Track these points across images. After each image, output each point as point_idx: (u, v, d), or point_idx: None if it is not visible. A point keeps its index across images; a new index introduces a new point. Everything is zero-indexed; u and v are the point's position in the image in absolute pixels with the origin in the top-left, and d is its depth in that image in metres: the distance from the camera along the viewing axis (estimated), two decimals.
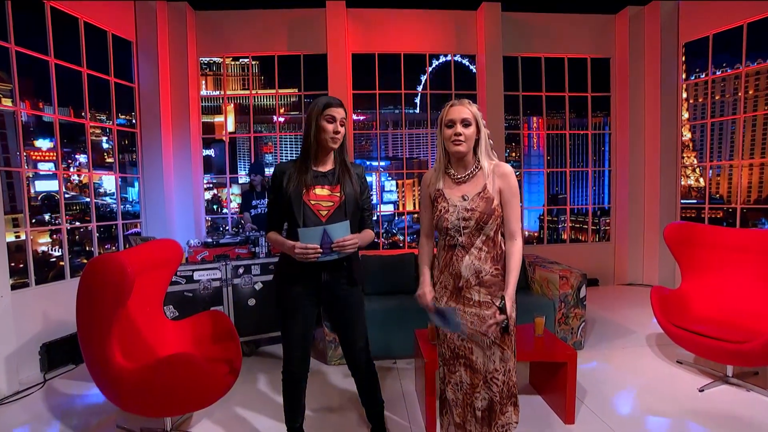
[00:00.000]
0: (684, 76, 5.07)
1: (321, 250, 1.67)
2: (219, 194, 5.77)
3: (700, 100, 5.10)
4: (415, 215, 6.08)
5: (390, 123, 5.75)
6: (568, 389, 2.44)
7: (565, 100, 5.56)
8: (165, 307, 3.08)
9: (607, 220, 5.75)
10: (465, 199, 1.62)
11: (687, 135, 5.12)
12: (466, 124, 1.59)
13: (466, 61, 5.55)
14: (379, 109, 5.44)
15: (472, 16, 5.26)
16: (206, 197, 5.32)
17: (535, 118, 5.82)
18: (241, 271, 3.37)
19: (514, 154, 5.74)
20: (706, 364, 2.97)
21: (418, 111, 5.77)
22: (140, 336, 2.39)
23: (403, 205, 6.12)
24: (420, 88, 5.62)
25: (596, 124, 5.66)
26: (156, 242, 2.69)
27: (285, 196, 1.76)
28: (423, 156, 5.93)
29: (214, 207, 5.76)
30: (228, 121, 5.41)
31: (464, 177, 1.65)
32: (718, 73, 4.86)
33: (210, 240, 3.48)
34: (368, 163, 5.96)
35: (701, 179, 5.17)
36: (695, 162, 5.22)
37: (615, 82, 5.40)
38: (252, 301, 3.41)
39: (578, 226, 5.86)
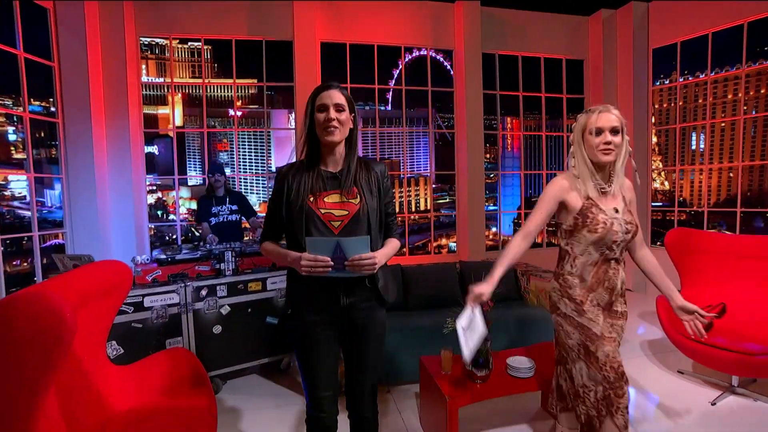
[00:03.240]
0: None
1: (332, 263, 1.35)
2: (164, 198, 4.97)
3: (664, 105, 5.25)
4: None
5: (360, 119, 5.31)
6: None
7: (540, 100, 5.50)
8: (107, 343, 2.42)
9: None
10: (617, 212, 1.57)
11: (653, 139, 5.26)
12: (615, 131, 1.53)
13: (440, 57, 5.28)
14: None
15: (450, 9, 5.00)
16: (148, 201, 4.53)
17: (509, 119, 5.69)
18: (203, 293, 2.79)
19: (488, 156, 5.56)
20: (708, 374, 2.91)
21: (390, 108, 5.40)
22: (78, 397, 1.77)
23: None
24: (392, 83, 5.25)
25: (568, 126, 5.65)
26: (96, 266, 2.06)
27: (287, 203, 1.47)
28: (395, 156, 5.56)
29: (158, 213, 4.95)
30: (175, 114, 4.64)
31: (607, 188, 1.59)
32: (680, 80, 5.03)
33: (163, 256, 2.85)
34: None
35: (666, 182, 5.33)
36: (660, 165, 5.38)
37: (588, 84, 5.42)
38: (218, 328, 2.84)
39: (550, 229, 5.83)
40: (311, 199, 1.44)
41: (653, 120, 5.25)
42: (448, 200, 5.82)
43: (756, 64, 4.46)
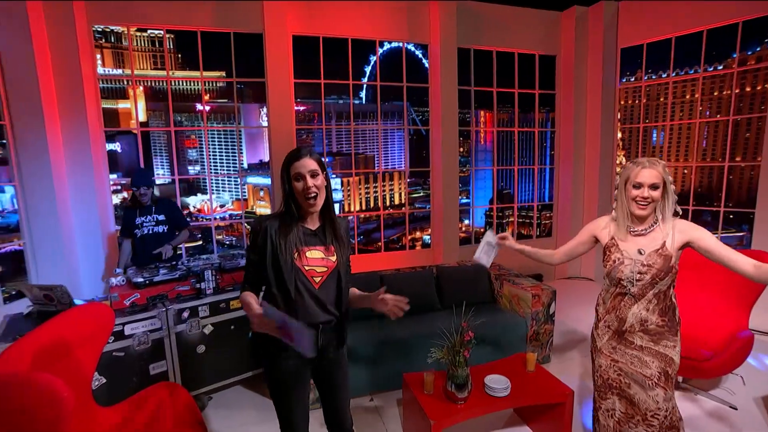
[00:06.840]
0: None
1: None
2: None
3: (629, 102, 5.45)
4: (362, 216, 5.73)
5: (334, 114, 5.19)
6: (564, 428, 2.43)
7: (514, 96, 5.55)
8: None
9: (548, 215, 6.02)
10: (641, 254, 1.67)
11: (618, 135, 5.49)
12: (654, 187, 1.63)
13: (411, 47, 5.17)
14: (323, 99, 4.85)
15: (425, 3, 4.86)
16: (113, 201, 4.31)
17: (482, 112, 5.73)
18: (185, 315, 2.76)
19: (462, 149, 5.62)
20: None
21: (364, 102, 5.29)
22: None
23: (350, 205, 5.65)
24: (365, 79, 5.12)
25: (540, 121, 5.77)
26: (75, 313, 1.99)
27: (274, 257, 1.54)
28: (370, 152, 5.51)
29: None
30: (138, 108, 4.34)
31: (641, 231, 1.71)
32: (645, 79, 5.21)
33: (140, 279, 2.77)
34: None
35: None
36: (624, 161, 5.65)
37: (560, 80, 5.50)
38: (201, 348, 2.85)
39: (521, 221, 6.07)
40: (295, 255, 1.54)
41: (618, 116, 5.45)
42: (422, 194, 5.88)
43: (711, 69, 4.73)
